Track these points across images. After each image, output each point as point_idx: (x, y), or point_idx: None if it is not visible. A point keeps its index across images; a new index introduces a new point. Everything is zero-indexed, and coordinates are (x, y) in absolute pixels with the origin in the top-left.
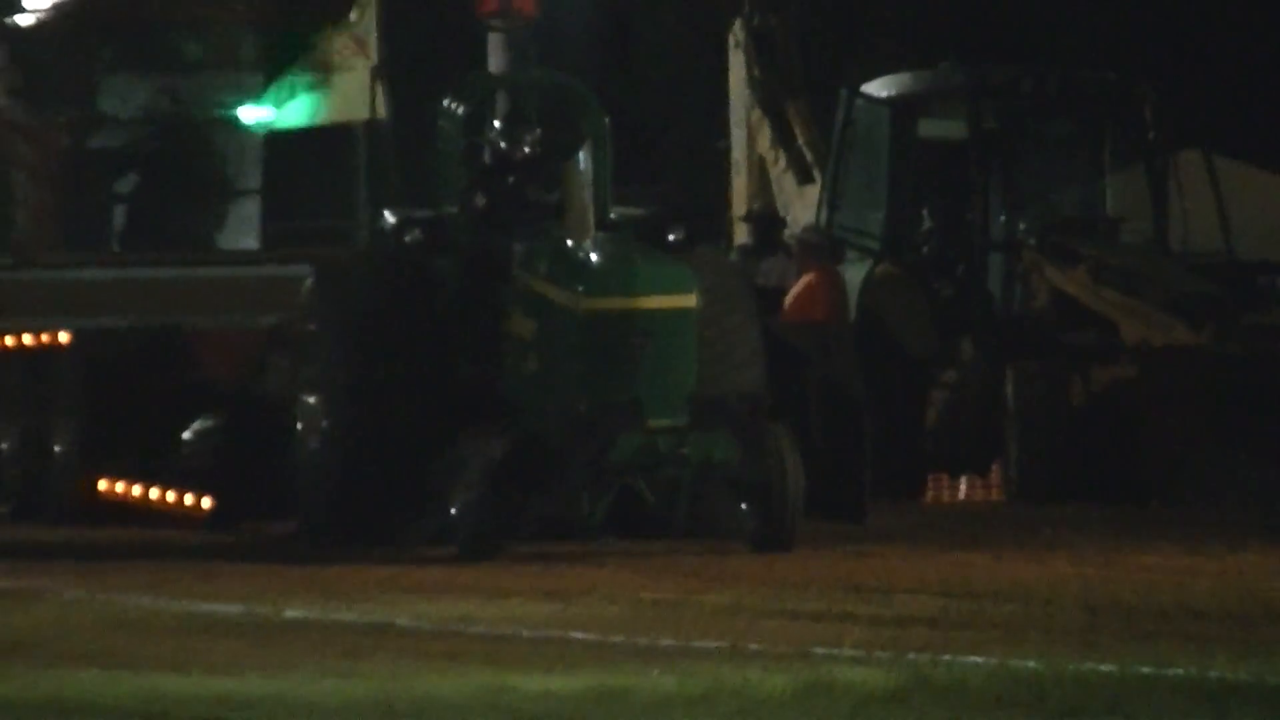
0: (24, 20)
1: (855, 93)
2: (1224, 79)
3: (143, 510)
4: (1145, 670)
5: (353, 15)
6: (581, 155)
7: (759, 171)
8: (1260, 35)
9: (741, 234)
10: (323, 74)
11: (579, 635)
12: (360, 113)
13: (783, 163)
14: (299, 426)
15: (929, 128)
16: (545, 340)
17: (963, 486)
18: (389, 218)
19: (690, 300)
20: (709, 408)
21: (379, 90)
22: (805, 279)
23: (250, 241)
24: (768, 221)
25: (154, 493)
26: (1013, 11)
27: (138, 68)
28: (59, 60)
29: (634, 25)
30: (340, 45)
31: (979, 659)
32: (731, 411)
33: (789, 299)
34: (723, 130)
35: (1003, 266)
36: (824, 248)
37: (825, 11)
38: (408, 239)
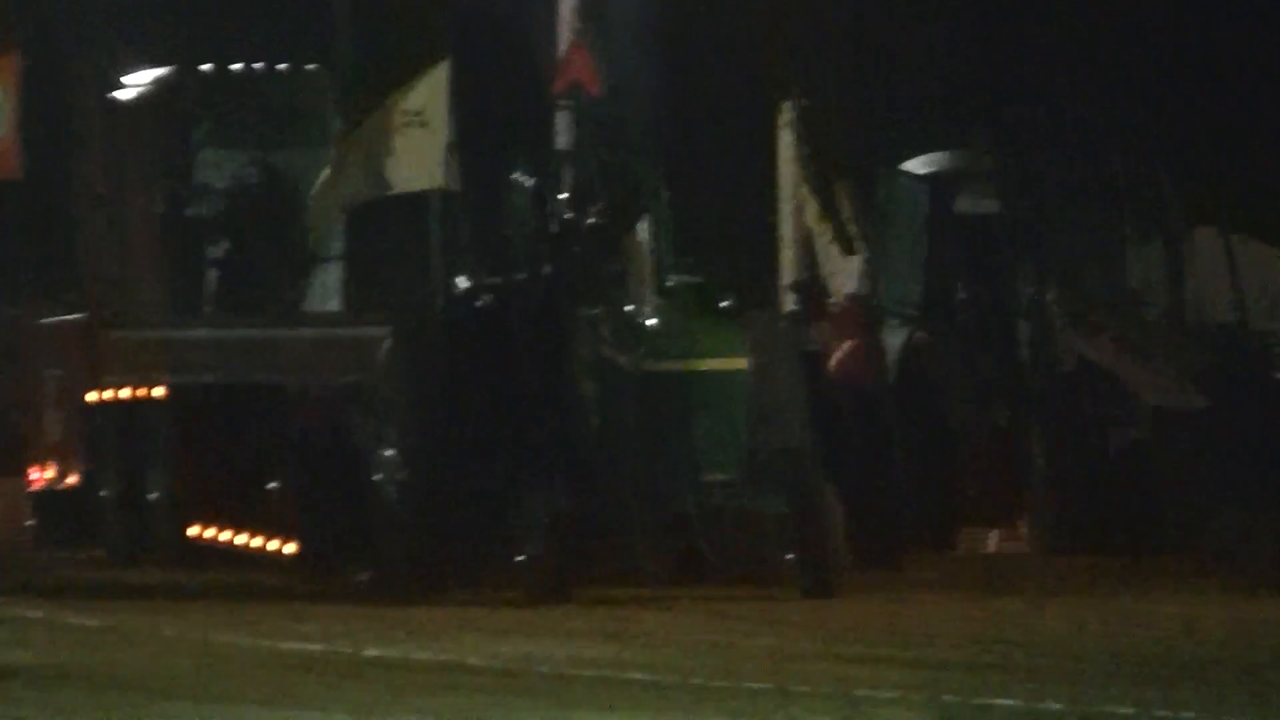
0: (125, 95)
1: (896, 171)
2: (1240, 161)
3: (232, 555)
4: (1162, 713)
5: (420, 94)
6: (641, 227)
7: (805, 244)
8: (1275, 118)
9: (789, 302)
10: (396, 148)
11: (637, 675)
12: (434, 185)
13: (828, 236)
14: (377, 478)
15: (965, 204)
16: (607, 400)
17: (993, 539)
18: (462, 283)
19: (742, 362)
20: (760, 463)
21: (452, 164)
22: (848, 345)
23: (333, 305)
24: (813, 291)
25: (243, 538)
26: (1040, 94)
27: (230, 142)
28: (157, 134)
29: (692, 106)
30: (408, 120)
31: (1008, 701)
32: (779, 467)
33: (833, 363)
34: (772, 205)
35: (1031, 334)
36: (866, 316)
37: (868, 94)
38: (478, 304)
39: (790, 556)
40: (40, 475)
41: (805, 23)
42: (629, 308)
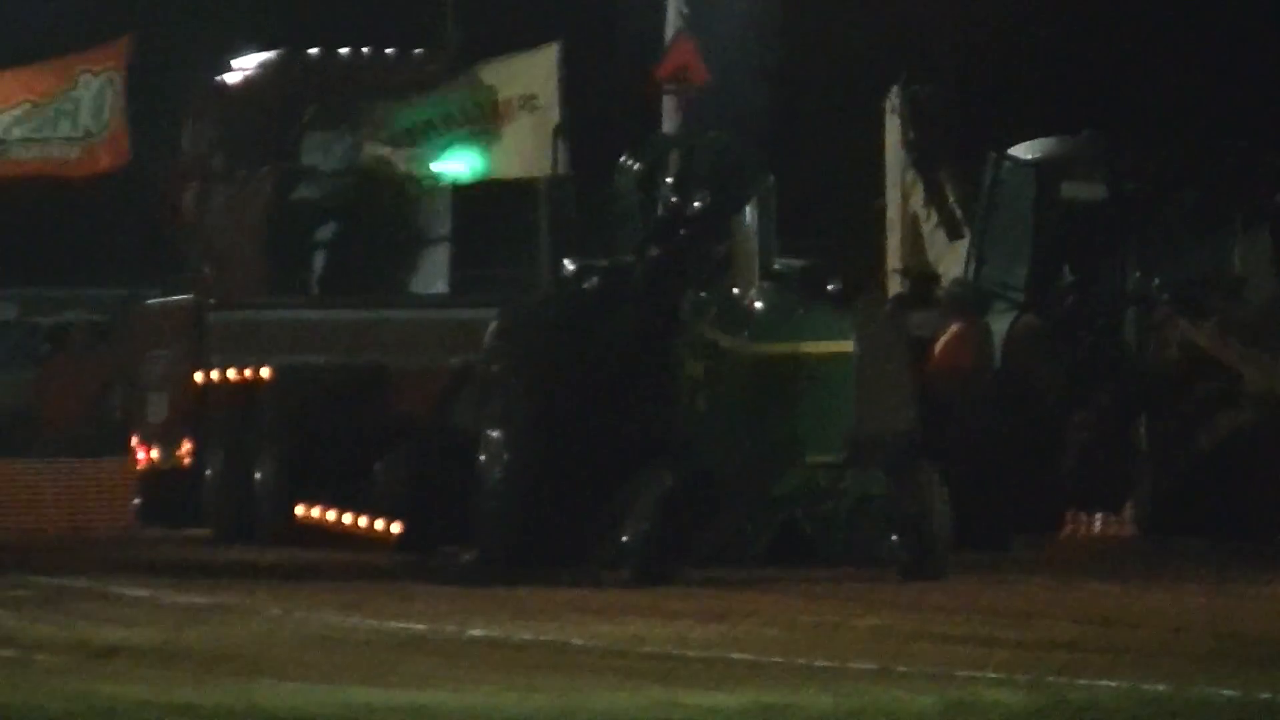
0: (233, 78)
1: (1003, 156)
2: None
3: (337, 534)
4: (1265, 695)
5: (533, 77)
6: (748, 211)
7: (911, 228)
8: None
9: (895, 286)
10: (506, 132)
11: (741, 655)
12: (543, 168)
13: (934, 220)
14: (483, 459)
15: (1071, 189)
16: (713, 381)
17: (1098, 522)
18: (569, 266)
19: (848, 346)
20: (864, 446)
21: (560, 148)
22: (954, 329)
23: (440, 286)
24: (924, 278)
25: (348, 518)
26: (1148, 81)
27: (338, 125)
28: (266, 116)
29: (799, 91)
30: (522, 104)
31: (1112, 682)
32: (885, 450)
33: (938, 347)
34: (879, 189)
35: (1137, 319)
36: (971, 300)
37: (975, 79)
38: (586, 286)
39: (894, 538)
40: (146, 455)
41: (914, 7)
42: (735, 291)
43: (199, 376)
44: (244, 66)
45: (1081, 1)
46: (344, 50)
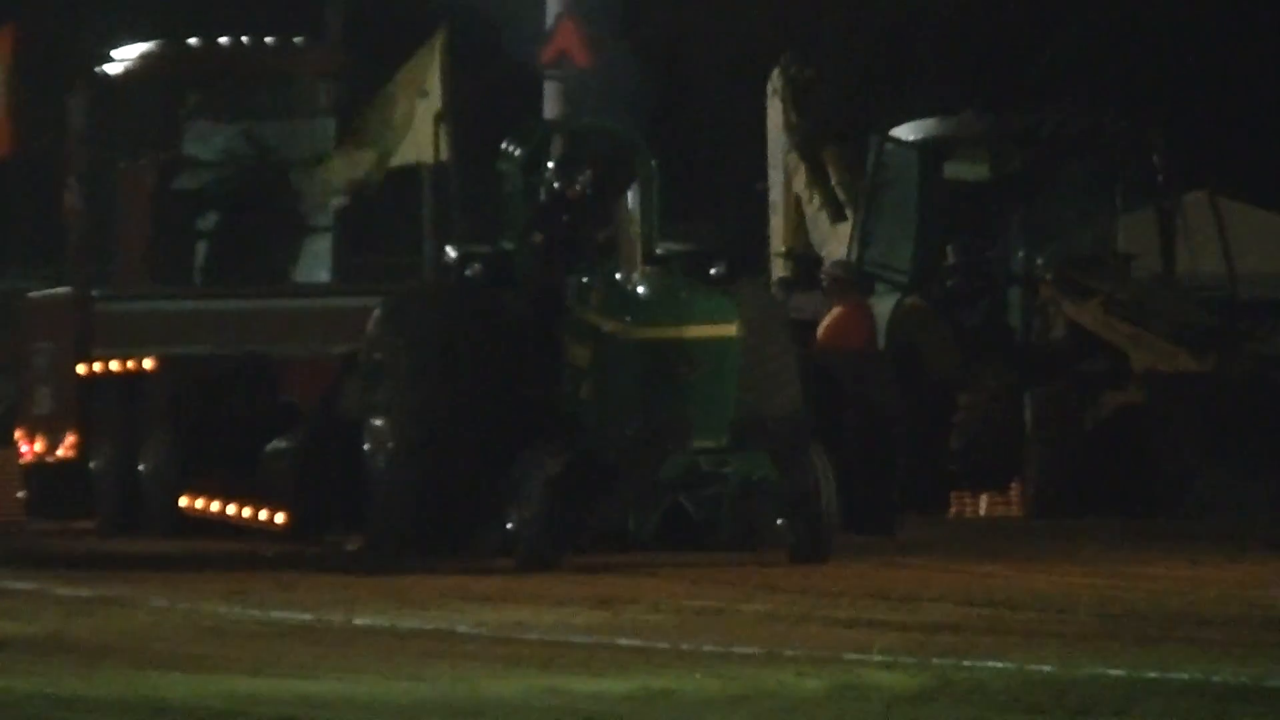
0: (114, 69)
1: (885, 137)
2: (1230, 124)
3: (224, 524)
4: (1153, 674)
5: (421, 64)
6: (631, 195)
7: (795, 211)
8: (1265, 83)
9: (779, 269)
10: (389, 120)
11: (627, 641)
12: (425, 155)
13: (817, 202)
14: (368, 447)
15: (953, 169)
16: (598, 366)
17: (984, 503)
18: (451, 253)
19: (731, 329)
20: (749, 429)
21: (442, 134)
22: (837, 311)
23: (323, 275)
24: (807, 260)
25: (234, 508)
26: (1032, 60)
27: (219, 114)
28: (146, 107)
29: (682, 75)
30: (405, 93)
31: (999, 663)
32: (770, 432)
33: (822, 329)
34: (762, 172)
35: (1022, 299)
36: (855, 282)
37: (858, 61)
38: (468, 273)
39: (781, 521)
40: (30, 448)
41: None
42: (619, 275)
43: (82, 368)
44: (124, 56)
45: None
46: (224, 40)
